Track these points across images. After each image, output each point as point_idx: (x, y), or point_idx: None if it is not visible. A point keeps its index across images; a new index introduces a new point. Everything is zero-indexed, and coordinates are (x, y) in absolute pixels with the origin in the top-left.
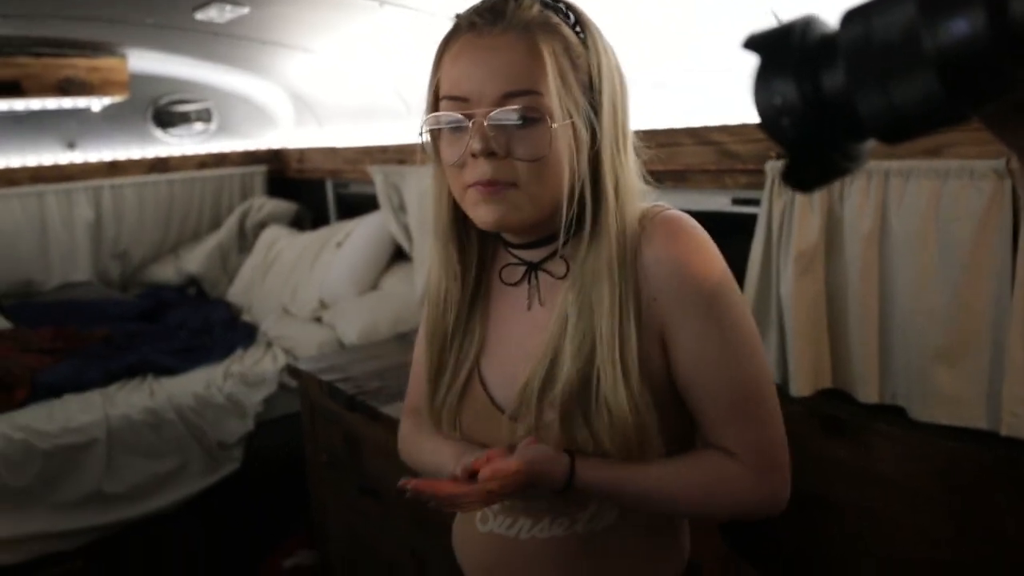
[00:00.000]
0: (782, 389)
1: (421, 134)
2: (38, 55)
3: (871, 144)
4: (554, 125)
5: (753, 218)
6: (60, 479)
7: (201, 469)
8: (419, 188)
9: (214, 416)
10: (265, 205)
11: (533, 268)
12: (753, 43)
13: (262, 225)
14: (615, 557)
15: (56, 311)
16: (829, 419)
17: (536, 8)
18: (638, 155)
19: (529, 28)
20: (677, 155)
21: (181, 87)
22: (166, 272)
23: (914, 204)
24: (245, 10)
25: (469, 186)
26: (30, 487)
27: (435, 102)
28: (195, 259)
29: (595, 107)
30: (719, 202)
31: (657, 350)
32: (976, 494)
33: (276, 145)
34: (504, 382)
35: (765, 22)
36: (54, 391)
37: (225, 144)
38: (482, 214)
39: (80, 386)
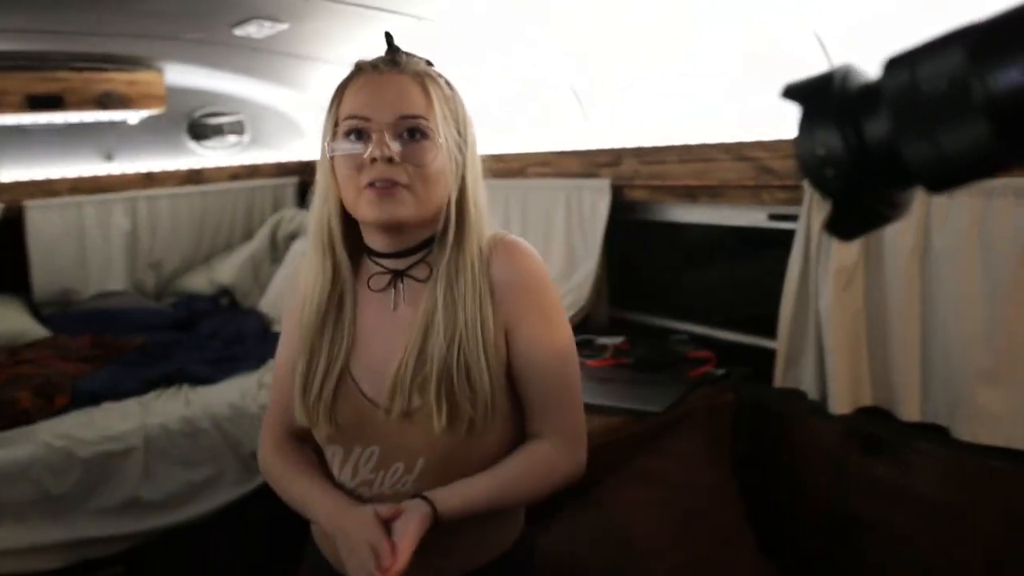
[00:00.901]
0: (820, 405)
1: (325, 151)
2: (79, 70)
3: (914, 192)
4: (440, 140)
5: (789, 234)
6: (99, 486)
7: (236, 478)
8: None
9: (249, 426)
10: (296, 216)
11: (399, 275)
12: (793, 92)
13: (293, 236)
14: (466, 530)
15: (93, 320)
16: (868, 437)
17: (423, 64)
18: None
19: (419, 74)
20: (712, 171)
21: (215, 100)
22: (199, 282)
23: (957, 222)
24: (284, 26)
25: (366, 187)
26: (71, 494)
27: (334, 128)
28: (227, 270)
29: (462, 146)
30: (755, 217)
31: (502, 343)
32: (1018, 516)
33: (307, 157)
34: (374, 377)
35: (760, 33)
36: (93, 399)
37: (257, 156)
38: (376, 211)
39: (118, 394)
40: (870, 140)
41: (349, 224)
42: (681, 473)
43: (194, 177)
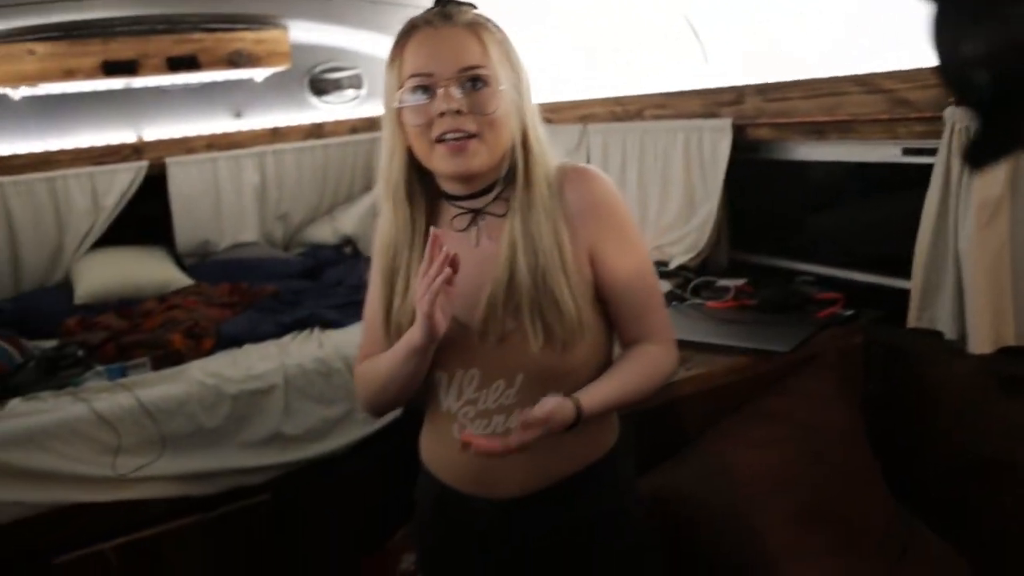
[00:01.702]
0: (957, 345)
1: (397, 105)
2: (211, 30)
3: None
4: (501, 87)
5: (923, 169)
6: (246, 420)
7: (366, 415)
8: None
9: None
10: None
11: (479, 212)
12: None
13: None
14: (568, 433)
15: (230, 269)
16: (1010, 377)
17: (472, 14)
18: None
19: (472, 24)
20: (841, 105)
21: (334, 55)
22: (323, 232)
23: None
24: None
25: (437, 141)
26: (221, 427)
27: (399, 86)
28: (349, 220)
29: (518, 85)
30: (888, 153)
31: (587, 266)
32: None
33: None
34: (466, 307)
35: None
36: (236, 341)
37: (374, 109)
38: (452, 165)
39: (257, 337)
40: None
41: (420, 172)
42: (808, 413)
43: (316, 131)
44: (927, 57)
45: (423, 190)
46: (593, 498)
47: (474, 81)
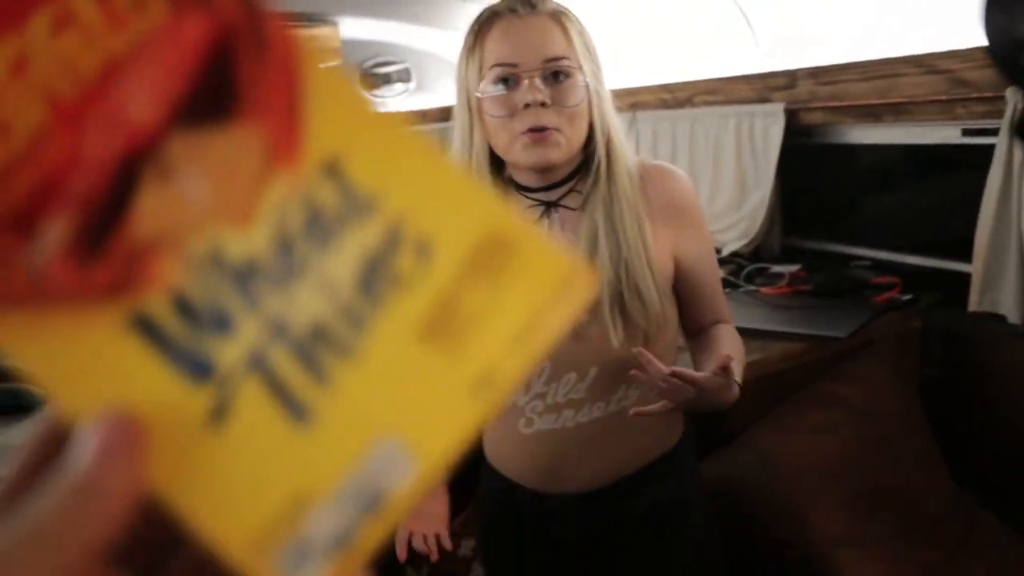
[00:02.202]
0: (1021, 329)
1: (479, 95)
2: None
3: None
4: (583, 82)
5: (984, 150)
6: None
7: None
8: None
9: None
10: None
11: (552, 205)
12: None
13: None
14: (637, 427)
15: None
16: None
17: (555, 2)
18: None
19: (555, 14)
20: (897, 87)
21: (383, 50)
22: None
23: None
24: None
25: (521, 133)
26: None
27: (479, 74)
28: None
29: (598, 76)
30: (946, 134)
31: (668, 261)
32: None
33: None
34: None
35: None
36: None
37: (423, 102)
38: (534, 156)
39: None
40: None
41: (492, 162)
42: (865, 399)
43: None
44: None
45: (496, 181)
46: (659, 491)
47: (557, 73)
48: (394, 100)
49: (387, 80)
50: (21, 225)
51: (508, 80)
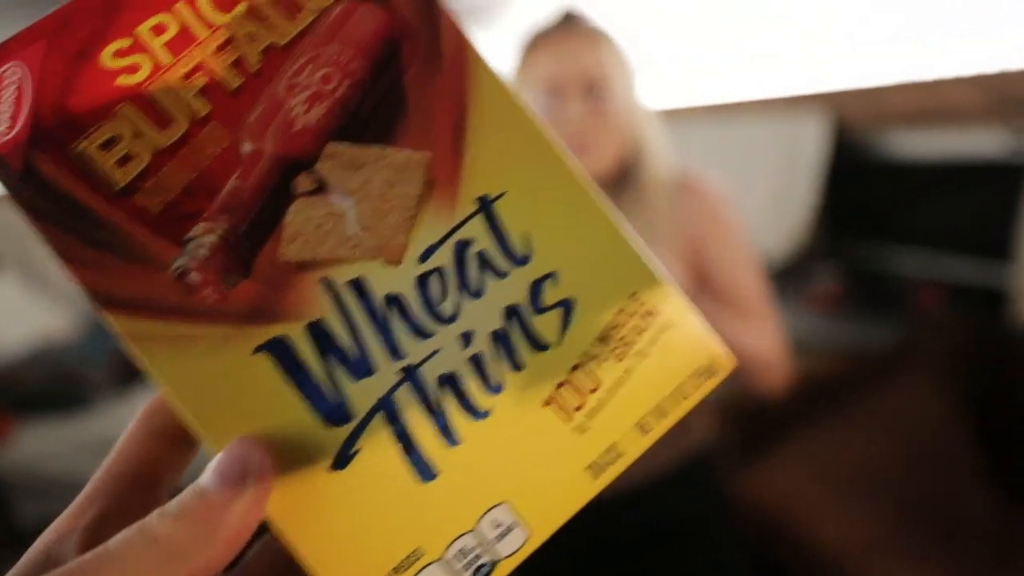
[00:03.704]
0: None
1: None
2: None
3: None
4: (622, 100)
5: None
6: None
7: None
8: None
9: None
10: None
11: None
12: None
13: None
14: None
15: None
16: None
17: (592, 25)
18: None
19: (595, 37)
20: (944, 97)
21: None
22: None
23: None
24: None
25: None
26: None
27: (522, 88)
28: None
29: (634, 94)
30: (995, 143)
31: (697, 272)
32: None
33: None
34: None
35: None
36: None
37: None
38: None
39: None
40: None
41: None
42: (912, 409)
43: None
44: None
45: None
46: (681, 503)
47: (593, 91)
48: None
49: None
50: (173, 225)
51: (549, 97)
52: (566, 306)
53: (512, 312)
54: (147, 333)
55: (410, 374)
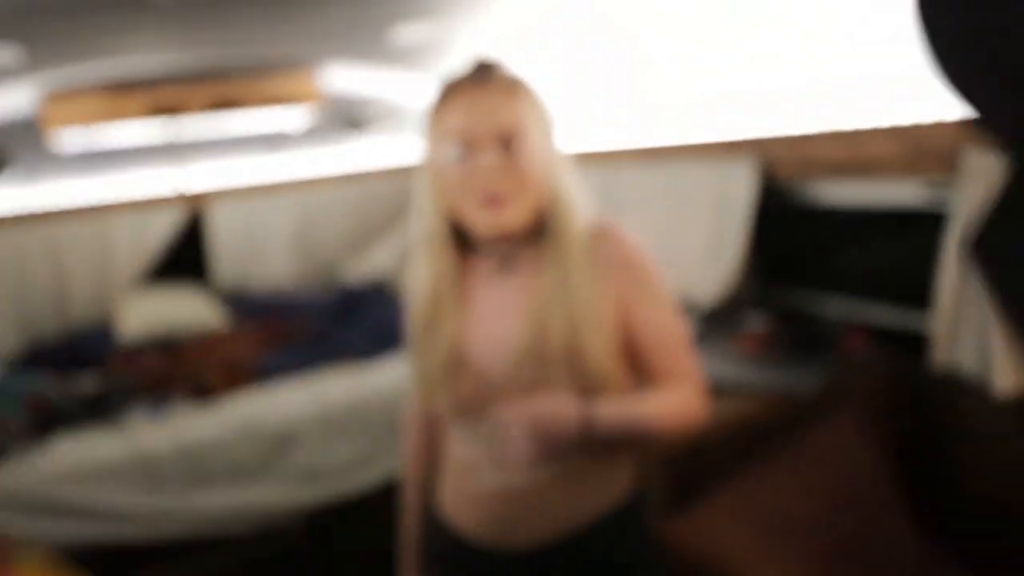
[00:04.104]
0: (983, 386)
1: (435, 161)
2: (250, 75)
3: None
4: (534, 151)
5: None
6: (282, 458)
7: (401, 452)
8: None
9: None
10: None
11: (510, 263)
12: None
13: None
14: (585, 483)
15: (268, 307)
16: None
17: (508, 75)
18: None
19: (507, 86)
20: (863, 148)
21: (371, 96)
22: (360, 271)
23: None
24: (438, 25)
25: (475, 201)
26: (258, 464)
27: (437, 142)
28: (385, 259)
29: (551, 143)
30: (911, 193)
31: (617, 319)
32: None
33: None
34: (493, 355)
35: None
36: (272, 379)
37: (411, 147)
38: (487, 226)
39: (293, 375)
40: None
41: (457, 221)
42: (835, 453)
43: (353, 172)
44: (945, 105)
45: (458, 238)
46: (611, 550)
47: (508, 144)
48: (381, 146)
49: (367, 123)
50: None
51: (463, 150)
52: None
53: None
54: None
55: None
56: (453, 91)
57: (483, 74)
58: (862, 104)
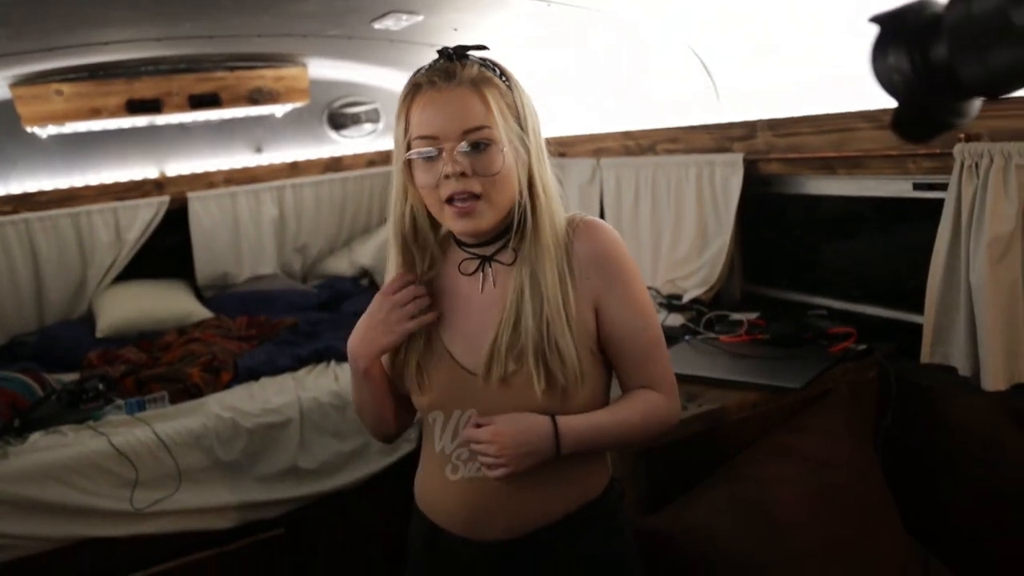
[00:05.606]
0: (971, 382)
1: (406, 157)
2: (232, 69)
3: (977, 103)
4: (503, 149)
5: (936, 204)
6: (262, 454)
7: (380, 448)
8: (579, 180)
9: None
10: None
11: (487, 259)
12: (877, 18)
13: None
14: (558, 475)
15: (248, 301)
16: None
17: (476, 68)
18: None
19: (475, 82)
20: (851, 141)
21: (352, 90)
22: (341, 264)
23: None
24: (419, 18)
25: (445, 202)
26: (238, 461)
27: (406, 141)
28: (366, 252)
29: (524, 138)
30: (899, 188)
31: (590, 316)
32: None
33: None
34: (469, 349)
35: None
36: (253, 374)
37: (391, 142)
38: (460, 225)
39: (274, 370)
40: (933, 60)
41: (431, 216)
42: (821, 449)
43: (334, 165)
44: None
45: (433, 234)
46: (585, 542)
47: (477, 143)
48: (362, 140)
49: (356, 120)
50: None
51: (431, 151)
52: None
53: None
54: None
55: None
56: (419, 89)
57: (451, 69)
58: (852, 99)
